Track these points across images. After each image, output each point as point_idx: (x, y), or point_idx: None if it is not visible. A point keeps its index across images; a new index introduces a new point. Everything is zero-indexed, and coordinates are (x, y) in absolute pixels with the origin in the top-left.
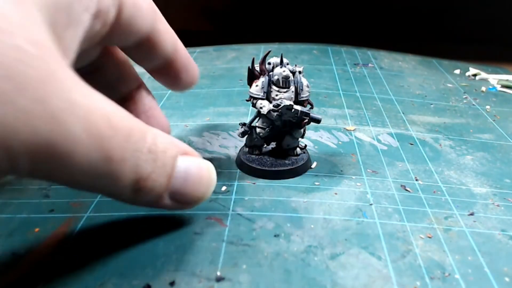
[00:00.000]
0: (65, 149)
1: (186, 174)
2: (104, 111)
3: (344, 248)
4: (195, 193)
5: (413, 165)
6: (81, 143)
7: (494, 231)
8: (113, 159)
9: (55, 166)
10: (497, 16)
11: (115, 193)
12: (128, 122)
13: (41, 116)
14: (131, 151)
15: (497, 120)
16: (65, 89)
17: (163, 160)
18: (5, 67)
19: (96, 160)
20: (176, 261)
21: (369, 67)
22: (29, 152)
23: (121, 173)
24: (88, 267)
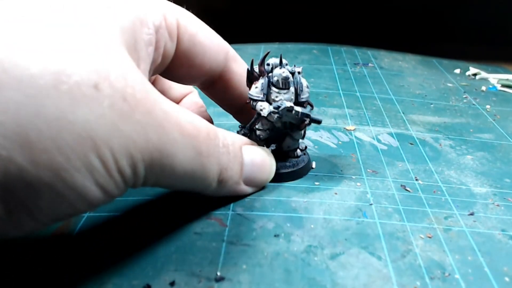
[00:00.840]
0: (170, 151)
1: (252, 160)
2: (188, 117)
3: (344, 248)
4: (263, 176)
5: (413, 165)
6: (178, 143)
7: (494, 231)
8: (203, 154)
9: (162, 169)
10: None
11: (204, 187)
12: (204, 123)
13: (151, 125)
14: (213, 146)
15: (497, 120)
16: (160, 103)
17: (234, 151)
18: (121, 92)
19: (191, 156)
20: (176, 261)
21: (369, 67)
22: (145, 159)
23: (210, 166)
24: (88, 267)
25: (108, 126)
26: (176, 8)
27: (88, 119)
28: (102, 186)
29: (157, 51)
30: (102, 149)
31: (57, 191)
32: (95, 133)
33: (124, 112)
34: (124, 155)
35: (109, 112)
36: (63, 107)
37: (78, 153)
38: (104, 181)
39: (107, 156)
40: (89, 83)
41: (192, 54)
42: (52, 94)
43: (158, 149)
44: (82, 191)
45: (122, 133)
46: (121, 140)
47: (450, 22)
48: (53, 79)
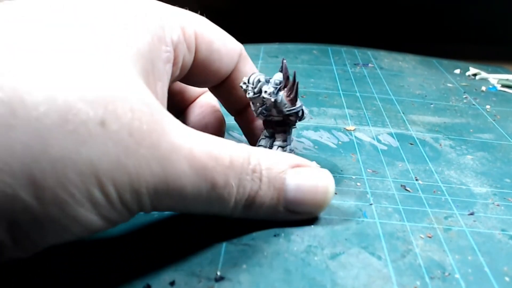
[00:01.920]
0: (177, 183)
1: (297, 185)
2: (204, 147)
3: (344, 248)
4: (312, 203)
5: (413, 165)
6: (187, 176)
7: (494, 231)
8: (217, 185)
9: (171, 200)
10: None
11: (228, 212)
12: (228, 150)
13: (155, 159)
14: (235, 175)
15: (497, 120)
16: (169, 134)
17: (269, 176)
18: (127, 126)
19: (203, 189)
20: (176, 261)
21: (369, 67)
22: (150, 191)
23: (228, 196)
24: (88, 267)
25: (112, 163)
26: (193, 18)
27: (92, 157)
28: (104, 217)
29: (175, 66)
30: (105, 184)
31: (61, 224)
32: (98, 170)
33: (129, 147)
34: (127, 190)
35: (113, 148)
36: (68, 147)
37: (82, 190)
38: (107, 213)
39: (110, 191)
40: (96, 121)
41: (210, 61)
42: (58, 134)
43: (164, 181)
44: (85, 223)
45: (126, 168)
46: (125, 175)
47: (450, 22)
48: (60, 119)
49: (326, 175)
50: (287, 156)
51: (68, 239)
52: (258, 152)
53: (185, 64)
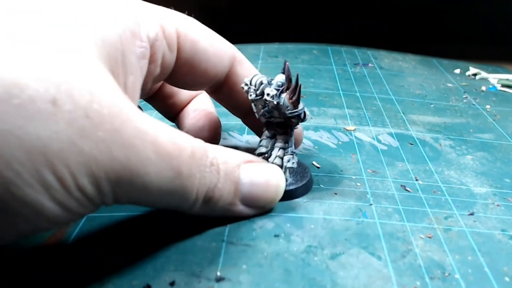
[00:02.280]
0: (140, 170)
1: (251, 179)
2: (169, 135)
3: (344, 248)
4: (265, 196)
5: (413, 165)
6: (153, 163)
7: (494, 231)
8: (183, 174)
9: (133, 188)
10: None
11: (188, 207)
12: (190, 141)
13: (116, 144)
14: (197, 166)
15: (497, 120)
16: (133, 120)
17: (226, 170)
18: (83, 108)
19: (168, 177)
20: (176, 261)
21: (369, 67)
22: (110, 177)
23: (191, 187)
24: (88, 268)
25: (63, 143)
26: (175, 16)
27: (40, 135)
28: (60, 203)
29: (154, 63)
30: (57, 165)
31: (9, 205)
32: (47, 149)
33: (84, 129)
34: (84, 173)
35: (66, 129)
36: (12, 122)
37: (29, 169)
38: (62, 198)
39: (64, 173)
40: (46, 98)
41: (195, 62)
42: (1, 108)
43: (126, 168)
44: (37, 207)
45: (82, 150)
46: (79, 157)
47: (450, 22)
48: (3, 92)
49: (277, 171)
50: (239, 153)
51: (26, 230)
52: (214, 147)
53: (166, 63)
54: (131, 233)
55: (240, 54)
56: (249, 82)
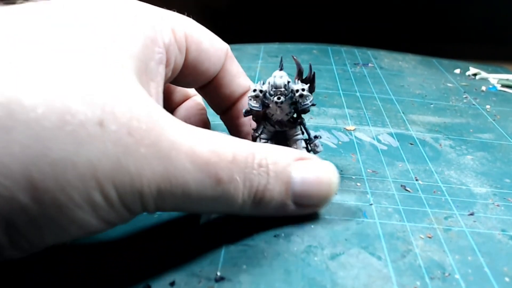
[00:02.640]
0: (179, 181)
1: (303, 177)
2: (206, 143)
3: (344, 248)
4: (317, 195)
5: (413, 165)
6: (190, 173)
7: (494, 231)
8: (222, 181)
9: (175, 197)
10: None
11: (236, 210)
12: (231, 146)
13: (155, 157)
14: (239, 170)
15: (497, 120)
16: (168, 132)
17: (276, 170)
18: (126, 126)
19: (207, 185)
20: (176, 261)
21: (369, 67)
22: (152, 191)
23: (234, 191)
24: (88, 268)
25: (111, 163)
26: (183, 20)
27: (91, 158)
28: (104, 218)
29: (168, 67)
30: (105, 186)
31: (59, 225)
32: (98, 171)
33: (129, 147)
34: (128, 190)
35: (113, 149)
36: (67, 148)
37: (81, 192)
38: (106, 215)
39: (111, 192)
40: (94, 121)
41: (199, 62)
42: (57, 135)
43: (166, 179)
44: (83, 225)
45: (127, 168)
46: (125, 175)
47: (450, 22)
48: (58, 120)
49: (329, 167)
50: (290, 150)
51: (66, 240)
52: (262, 147)
53: (177, 65)
54: (131, 233)
55: (230, 50)
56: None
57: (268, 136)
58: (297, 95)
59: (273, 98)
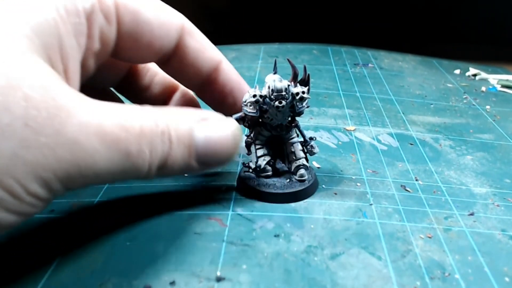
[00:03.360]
0: (88, 163)
1: (206, 138)
2: (115, 119)
3: (344, 248)
4: (222, 153)
5: (413, 165)
6: (100, 153)
7: (494, 231)
8: (131, 154)
9: (85, 178)
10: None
11: (143, 177)
12: (139, 118)
13: (61, 144)
14: (147, 142)
15: (497, 120)
16: (75, 115)
17: (177, 135)
18: (21, 117)
19: (118, 160)
20: (176, 261)
21: (369, 67)
22: (60, 177)
23: (142, 163)
24: (88, 267)
25: (7, 158)
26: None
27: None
28: (14, 211)
29: (91, 38)
30: (4, 180)
31: None
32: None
33: (26, 139)
34: (32, 179)
35: (7, 144)
36: None
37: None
38: (15, 207)
39: (12, 184)
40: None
41: (138, 34)
42: None
43: (75, 164)
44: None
45: (26, 159)
46: (26, 167)
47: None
48: None
49: (231, 123)
50: (192, 112)
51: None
52: (164, 114)
53: (106, 37)
54: (131, 233)
55: (191, 25)
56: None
57: (263, 142)
58: (298, 98)
59: (274, 102)
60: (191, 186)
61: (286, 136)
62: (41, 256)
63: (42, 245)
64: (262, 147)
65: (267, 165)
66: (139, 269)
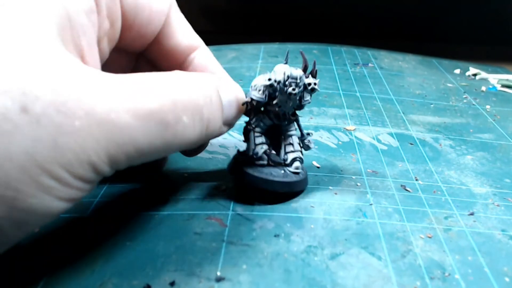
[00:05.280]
0: (126, 139)
1: (229, 101)
2: (145, 91)
3: (344, 248)
4: (238, 111)
5: (413, 165)
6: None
7: (494, 231)
8: (169, 124)
9: (127, 156)
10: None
11: (189, 145)
12: (169, 86)
13: (95, 126)
14: (183, 109)
15: (497, 120)
16: (102, 94)
17: (212, 101)
18: (52, 104)
19: (156, 132)
20: (176, 261)
21: (369, 67)
22: (103, 158)
23: (182, 130)
24: (88, 267)
25: (49, 147)
26: None
27: (26, 149)
28: (64, 198)
29: (100, 15)
30: (51, 169)
31: (17, 220)
32: (37, 159)
33: (61, 124)
34: (78, 164)
35: (45, 132)
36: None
37: (27, 182)
38: (65, 194)
39: (60, 172)
40: (16, 110)
41: (138, 10)
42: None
43: (113, 143)
44: (44, 211)
45: (67, 146)
46: (68, 153)
47: (450, 22)
48: None
49: (236, 84)
50: (212, 76)
51: (34, 228)
52: (194, 78)
53: (113, 14)
54: (131, 233)
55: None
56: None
57: (262, 131)
58: (309, 88)
59: (287, 88)
60: (191, 186)
61: (285, 128)
62: (41, 256)
63: (42, 245)
64: (261, 135)
65: (263, 154)
66: (139, 269)
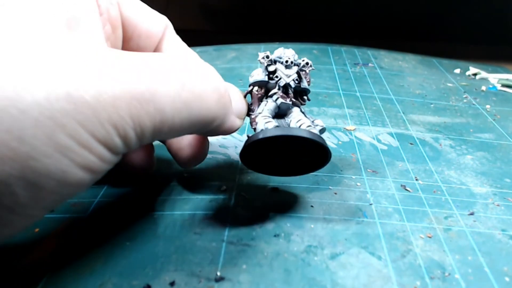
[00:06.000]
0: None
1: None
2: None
3: (344, 248)
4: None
5: (413, 165)
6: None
7: (494, 231)
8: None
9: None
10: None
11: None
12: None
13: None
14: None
15: (497, 120)
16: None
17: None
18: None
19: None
20: (176, 261)
21: (369, 67)
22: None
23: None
24: (88, 267)
25: (63, 99)
26: None
27: (38, 97)
28: (83, 165)
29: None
30: (68, 125)
31: (31, 181)
32: (52, 112)
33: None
34: (98, 124)
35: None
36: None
37: (42, 139)
38: (84, 160)
39: (78, 130)
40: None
41: (139, 20)
42: None
43: (138, 105)
44: (60, 177)
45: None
46: (86, 109)
47: (450, 22)
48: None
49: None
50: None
51: (54, 201)
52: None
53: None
54: (131, 233)
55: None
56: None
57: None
58: (303, 63)
59: (282, 59)
60: (191, 186)
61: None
62: (41, 256)
63: (42, 245)
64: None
65: None
66: (139, 269)
